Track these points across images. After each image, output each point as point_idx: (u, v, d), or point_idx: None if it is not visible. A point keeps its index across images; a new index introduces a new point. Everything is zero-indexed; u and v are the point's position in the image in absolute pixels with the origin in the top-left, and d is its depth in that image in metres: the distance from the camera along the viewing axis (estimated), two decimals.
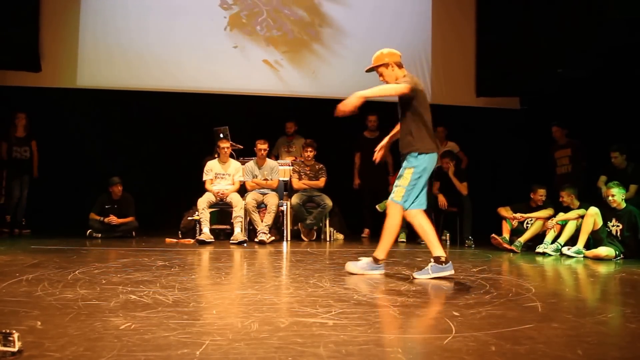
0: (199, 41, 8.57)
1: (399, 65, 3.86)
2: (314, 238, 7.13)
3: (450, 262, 3.74)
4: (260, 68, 8.73)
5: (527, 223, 6.35)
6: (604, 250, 5.41)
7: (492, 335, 2.18)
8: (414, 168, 3.72)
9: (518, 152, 9.01)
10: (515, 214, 6.40)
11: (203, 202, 6.47)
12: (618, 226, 5.61)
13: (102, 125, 8.22)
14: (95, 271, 3.73)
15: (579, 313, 2.77)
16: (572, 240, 5.78)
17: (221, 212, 6.99)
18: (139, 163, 8.27)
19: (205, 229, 6.36)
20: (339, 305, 2.71)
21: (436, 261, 3.71)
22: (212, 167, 6.82)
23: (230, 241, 6.31)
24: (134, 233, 6.97)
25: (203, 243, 6.18)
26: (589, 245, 5.63)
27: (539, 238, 6.12)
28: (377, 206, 7.13)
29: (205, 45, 8.58)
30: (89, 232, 6.78)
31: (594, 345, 2.10)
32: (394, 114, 3.99)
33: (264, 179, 6.92)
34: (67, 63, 8.24)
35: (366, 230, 7.75)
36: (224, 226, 7.07)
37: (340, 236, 7.36)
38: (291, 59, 8.83)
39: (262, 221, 6.55)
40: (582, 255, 5.54)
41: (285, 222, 6.99)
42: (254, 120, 8.08)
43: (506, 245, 6.13)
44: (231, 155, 7.05)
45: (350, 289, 3.23)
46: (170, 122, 8.44)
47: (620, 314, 2.83)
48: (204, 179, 6.80)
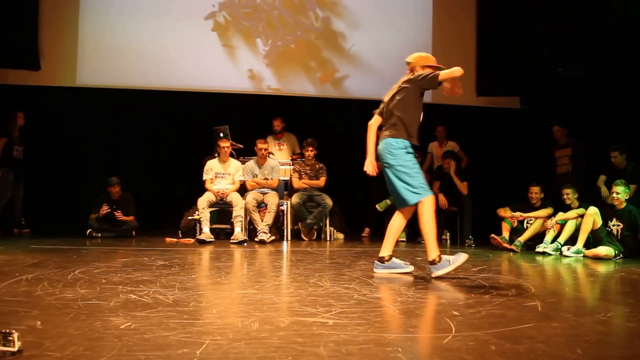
0: (199, 40, 8.57)
1: (411, 69, 4.06)
2: (314, 237, 7.13)
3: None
4: (260, 67, 8.74)
5: (527, 222, 6.35)
6: (604, 250, 5.41)
7: (492, 334, 2.18)
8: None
9: (518, 152, 9.02)
10: (515, 213, 6.40)
11: (203, 202, 6.47)
12: (619, 225, 5.62)
13: (102, 124, 8.23)
14: (95, 271, 3.73)
15: (578, 312, 2.77)
16: (572, 240, 5.78)
17: (221, 212, 6.98)
18: (139, 162, 8.28)
19: (206, 228, 6.36)
20: (339, 304, 2.71)
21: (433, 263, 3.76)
22: (212, 167, 6.82)
23: (231, 241, 6.31)
24: (134, 233, 6.97)
25: (203, 242, 6.18)
26: (588, 244, 5.63)
27: (539, 237, 6.12)
28: (377, 205, 7.14)
29: (205, 44, 8.59)
30: (88, 232, 6.77)
31: (594, 345, 2.10)
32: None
33: (264, 179, 6.92)
34: (67, 62, 8.24)
35: (367, 230, 7.76)
36: (224, 226, 7.07)
37: (341, 236, 7.37)
38: (291, 59, 8.83)
39: (263, 221, 6.55)
40: (582, 254, 5.54)
41: (285, 222, 6.98)
42: (255, 120, 8.07)
43: (506, 245, 6.14)
44: (231, 155, 7.04)
45: (350, 288, 3.23)
46: (171, 121, 8.44)
47: (619, 313, 2.83)
48: (204, 178, 6.79)
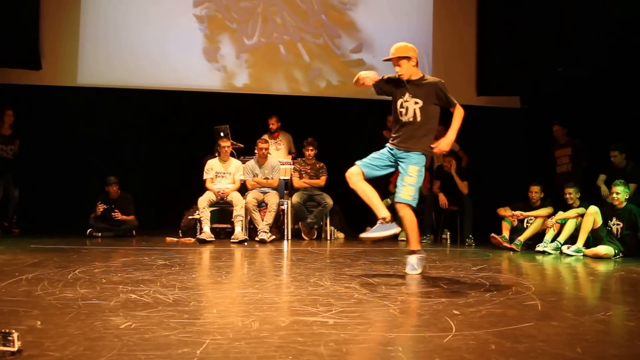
0: (200, 39, 8.57)
1: (416, 64, 3.90)
2: (315, 237, 7.13)
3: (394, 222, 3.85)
4: (260, 66, 8.74)
5: (527, 222, 6.34)
6: (603, 249, 5.41)
7: (492, 333, 2.18)
8: (418, 166, 3.83)
9: (518, 151, 9.01)
10: (515, 212, 6.39)
11: (203, 201, 6.47)
12: (618, 224, 5.62)
13: (103, 123, 8.21)
14: (95, 270, 3.73)
15: (578, 311, 2.77)
16: (572, 239, 5.78)
17: (222, 211, 6.98)
18: (140, 161, 8.27)
19: (206, 228, 6.36)
20: (339, 304, 2.71)
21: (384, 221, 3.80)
22: (213, 166, 6.82)
23: (231, 240, 6.31)
24: (134, 232, 6.96)
25: (203, 242, 6.18)
26: (588, 243, 5.63)
27: (539, 237, 6.11)
28: None
29: (206, 44, 8.59)
30: (89, 231, 6.77)
31: (593, 343, 2.10)
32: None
33: (265, 178, 6.91)
34: (68, 61, 8.23)
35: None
36: (225, 225, 7.06)
37: (341, 235, 7.36)
38: (292, 58, 8.83)
39: (263, 220, 6.55)
40: (582, 253, 5.54)
41: (285, 221, 6.98)
42: (255, 119, 8.07)
43: (506, 244, 6.13)
44: (232, 154, 7.04)
45: (350, 287, 3.24)
46: (171, 121, 8.43)
47: (619, 312, 2.83)
48: (204, 177, 6.79)
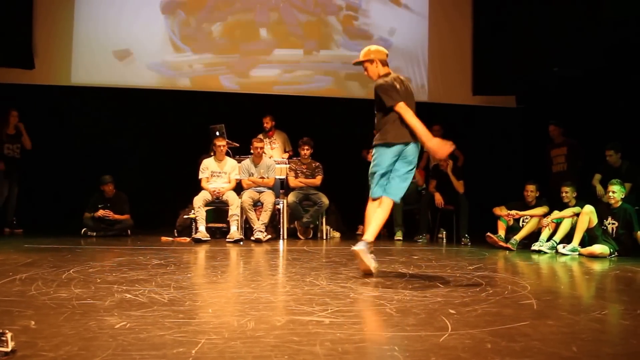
0: (194, 38, 8.55)
1: (383, 63, 3.97)
2: (311, 236, 7.13)
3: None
4: (256, 66, 8.73)
5: (523, 221, 6.36)
6: (599, 248, 5.43)
7: (488, 332, 2.18)
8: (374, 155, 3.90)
9: (514, 151, 9.03)
10: (511, 211, 6.40)
11: (199, 201, 6.46)
12: (614, 224, 5.63)
13: (97, 123, 8.18)
14: (90, 270, 3.71)
15: (573, 310, 2.77)
16: (567, 238, 5.80)
17: (217, 211, 6.97)
18: (135, 161, 8.25)
19: (201, 227, 6.34)
20: (335, 303, 2.71)
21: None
22: (208, 165, 6.81)
23: (227, 240, 6.30)
24: (129, 232, 6.95)
25: (199, 241, 6.17)
26: (584, 243, 5.65)
27: (535, 236, 6.13)
28: None
29: (201, 43, 8.57)
30: (83, 231, 6.75)
31: (589, 342, 2.11)
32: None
33: (260, 177, 6.91)
34: (62, 60, 8.21)
35: (361, 227, 7.77)
36: (220, 224, 7.05)
37: (337, 234, 7.36)
38: (286, 58, 8.82)
39: (259, 219, 6.54)
40: (577, 252, 5.56)
41: (281, 221, 6.98)
42: (251, 119, 8.06)
43: (502, 243, 6.14)
44: (227, 154, 7.03)
45: (346, 287, 3.23)
46: (167, 120, 8.42)
47: (614, 311, 2.84)
48: (199, 177, 6.78)
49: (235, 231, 6.35)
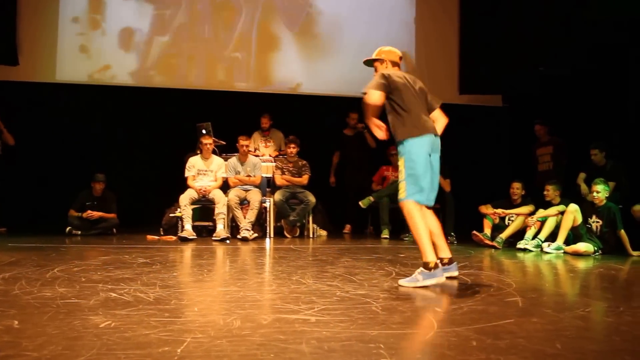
0: (181, 36, 8.50)
1: (394, 64, 3.76)
2: (297, 235, 7.12)
3: (440, 268, 3.35)
4: (243, 64, 8.70)
5: (509, 219, 6.40)
6: (583, 246, 5.48)
7: (474, 330, 2.20)
8: (404, 156, 3.51)
9: (500, 149, 9.09)
10: (496, 209, 6.45)
11: (185, 199, 6.43)
12: (598, 222, 5.69)
13: (82, 120, 8.11)
14: (74, 269, 3.68)
15: (558, 308, 2.80)
16: (552, 236, 5.85)
17: (203, 209, 6.94)
18: (120, 159, 8.18)
19: (188, 225, 6.31)
20: (321, 301, 2.71)
21: (425, 267, 3.32)
22: (195, 164, 6.78)
23: (213, 238, 6.27)
24: (114, 230, 6.90)
25: (185, 240, 6.14)
26: (568, 241, 5.70)
27: (520, 234, 6.17)
28: (360, 202, 7.14)
29: (188, 41, 8.52)
30: (68, 230, 6.69)
31: (572, 339, 2.13)
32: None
33: (247, 175, 6.89)
34: (46, 57, 8.11)
35: (348, 226, 7.80)
36: (207, 223, 7.02)
37: (324, 233, 7.36)
38: (274, 57, 8.81)
39: (245, 218, 6.52)
40: (562, 251, 5.61)
41: (268, 219, 6.96)
42: (237, 117, 8.03)
43: (487, 242, 6.18)
44: (214, 152, 7.00)
45: (333, 285, 3.23)
46: (152, 118, 8.35)
47: (598, 308, 2.87)
48: (186, 175, 6.75)
49: (221, 230, 6.33)
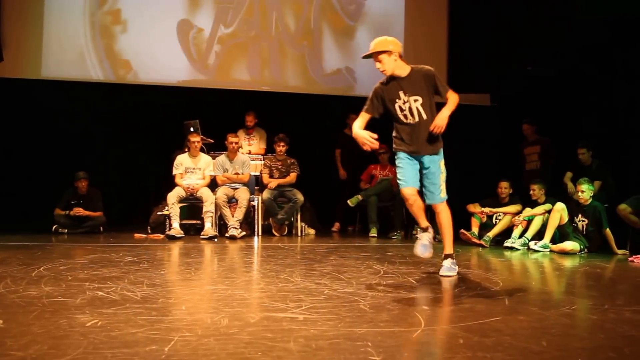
0: (169, 33, 8.45)
1: (401, 57, 3.63)
2: (285, 233, 7.11)
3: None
4: (232, 61, 8.67)
5: (496, 218, 6.44)
6: (570, 245, 5.53)
7: (460, 328, 2.21)
8: (442, 161, 3.87)
9: (488, 148, 9.13)
10: (484, 208, 6.48)
11: (173, 197, 6.40)
12: (584, 221, 5.74)
13: (68, 117, 8.02)
14: (60, 267, 3.65)
15: (544, 306, 2.82)
16: (539, 235, 5.89)
17: (191, 207, 6.91)
18: (107, 156, 8.12)
19: (175, 224, 6.28)
20: (309, 300, 2.71)
21: (452, 257, 3.74)
22: (182, 162, 6.74)
23: (201, 236, 6.25)
24: (101, 228, 6.85)
25: (173, 238, 6.11)
26: (555, 239, 5.75)
27: (507, 233, 6.21)
28: (349, 201, 7.15)
29: (175, 38, 8.47)
30: (54, 228, 6.64)
31: (558, 337, 2.15)
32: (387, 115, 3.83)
33: (235, 173, 6.87)
34: (32, 53, 8.01)
35: (336, 224, 7.82)
36: (194, 221, 7.00)
37: (312, 231, 7.36)
38: (264, 54, 8.79)
39: (233, 216, 6.50)
40: (549, 249, 5.65)
41: (256, 217, 6.95)
42: (225, 114, 8.00)
43: (475, 240, 6.22)
44: (202, 150, 6.97)
45: (320, 283, 3.24)
46: (140, 116, 8.29)
47: (583, 306, 2.90)
48: (173, 173, 6.71)
49: (209, 228, 6.31)
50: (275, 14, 8.80)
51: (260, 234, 6.91)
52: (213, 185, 6.81)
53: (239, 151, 7.08)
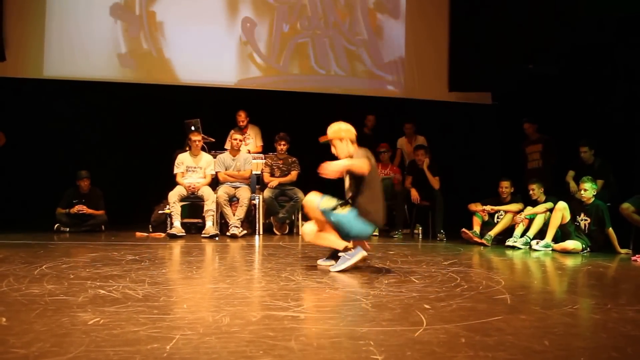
0: (170, 32, 8.45)
1: (352, 142, 3.99)
2: (286, 232, 7.11)
3: (358, 246, 3.79)
4: (232, 60, 8.67)
5: (498, 217, 6.44)
6: (571, 244, 5.52)
7: (462, 327, 2.21)
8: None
9: (490, 147, 9.13)
10: (485, 206, 6.48)
11: (174, 196, 6.40)
12: (586, 220, 5.73)
13: (70, 116, 8.04)
14: (63, 266, 3.66)
15: (546, 305, 2.82)
16: (541, 234, 5.89)
17: (192, 206, 6.92)
18: (109, 155, 8.12)
19: (176, 222, 6.29)
20: (311, 298, 2.71)
21: (345, 251, 3.78)
22: (183, 160, 6.74)
23: (202, 235, 6.26)
24: (103, 227, 6.87)
25: (174, 237, 6.11)
26: (557, 238, 5.74)
27: (509, 232, 6.21)
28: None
29: (176, 37, 8.47)
30: (56, 227, 6.65)
31: (560, 336, 2.14)
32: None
33: (237, 170, 6.86)
34: (34, 52, 8.02)
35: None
36: (196, 220, 7.00)
37: None
38: (263, 53, 8.78)
39: (234, 215, 6.50)
40: (550, 248, 5.65)
41: (257, 216, 6.95)
42: (227, 113, 8.00)
43: (477, 239, 6.21)
44: (203, 149, 6.97)
45: (322, 282, 3.24)
46: (141, 114, 8.30)
47: (586, 305, 2.89)
48: (174, 172, 6.71)
49: (210, 226, 6.31)
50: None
51: (261, 232, 6.91)
52: (214, 184, 6.81)
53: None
